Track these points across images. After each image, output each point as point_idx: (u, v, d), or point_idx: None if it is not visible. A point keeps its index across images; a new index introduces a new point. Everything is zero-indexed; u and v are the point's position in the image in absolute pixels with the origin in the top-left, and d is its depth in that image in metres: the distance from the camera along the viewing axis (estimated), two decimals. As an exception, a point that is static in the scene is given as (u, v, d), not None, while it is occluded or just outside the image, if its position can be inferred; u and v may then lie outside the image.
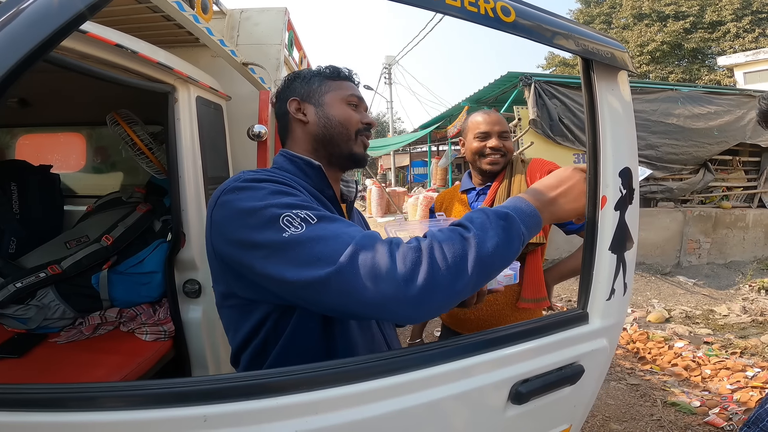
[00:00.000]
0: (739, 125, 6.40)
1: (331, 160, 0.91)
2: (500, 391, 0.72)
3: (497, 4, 0.67)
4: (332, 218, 0.65)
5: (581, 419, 0.94)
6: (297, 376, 0.58)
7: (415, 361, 0.65)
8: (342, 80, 0.95)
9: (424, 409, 0.64)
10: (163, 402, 0.53)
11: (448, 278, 0.59)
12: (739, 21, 20.89)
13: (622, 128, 0.79)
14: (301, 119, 0.91)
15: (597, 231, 0.78)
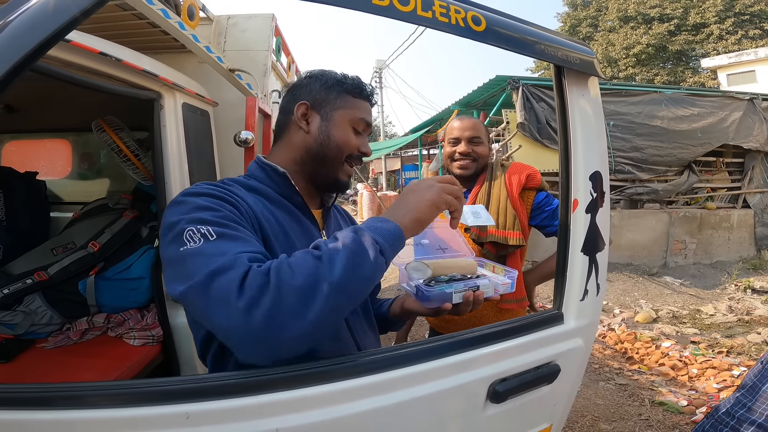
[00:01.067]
0: (722, 127, 6.51)
1: (313, 176, 0.90)
2: (478, 390, 0.74)
3: (468, 13, 0.68)
4: (234, 237, 0.63)
5: (561, 418, 0.96)
6: (279, 375, 0.59)
7: (393, 361, 0.67)
8: (361, 99, 0.92)
9: (401, 408, 0.65)
10: (146, 400, 0.54)
11: (296, 305, 0.55)
12: (722, 23, 21.21)
13: (592, 133, 0.81)
14: (303, 127, 0.89)
15: (569, 233, 0.81)
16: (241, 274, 0.56)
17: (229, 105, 2.21)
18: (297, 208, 0.87)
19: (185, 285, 0.58)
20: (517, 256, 1.46)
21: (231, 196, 0.73)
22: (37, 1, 0.48)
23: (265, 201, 0.82)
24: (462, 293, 0.83)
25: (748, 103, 6.79)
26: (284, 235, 0.79)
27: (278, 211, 0.83)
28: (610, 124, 6.09)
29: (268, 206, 0.81)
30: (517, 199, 1.45)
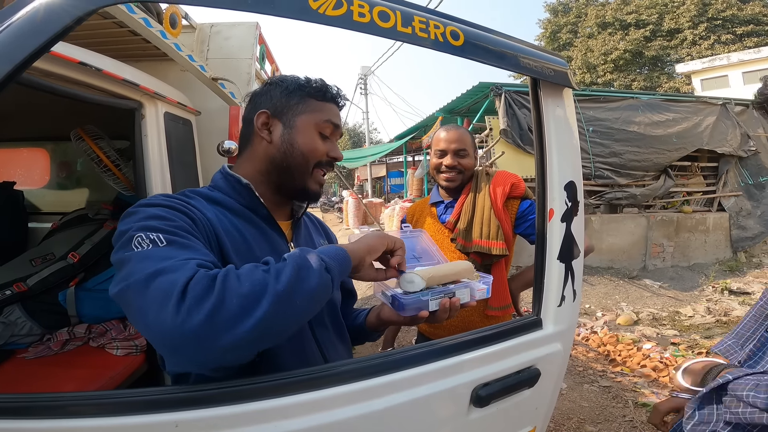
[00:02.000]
0: (696, 132, 6.69)
1: (280, 187, 0.87)
2: (461, 395, 0.75)
3: (447, 28, 0.70)
4: (184, 245, 0.62)
5: (545, 421, 0.98)
6: (274, 383, 0.60)
7: (380, 368, 0.68)
8: (325, 102, 0.88)
9: (388, 413, 0.67)
10: (137, 409, 0.53)
11: (238, 311, 0.54)
12: (695, 28, 21.84)
13: (566, 143, 0.84)
14: (265, 137, 0.85)
15: (546, 242, 0.83)
16: (187, 277, 0.54)
17: (213, 114, 2.20)
18: (263, 221, 0.84)
19: (123, 284, 0.56)
20: (502, 264, 1.48)
21: (187, 207, 0.71)
22: (25, 12, 0.48)
23: (228, 213, 0.80)
24: (438, 300, 0.82)
25: (721, 108, 7.00)
26: (247, 248, 0.77)
27: (242, 223, 0.80)
28: (590, 130, 6.21)
29: (230, 218, 0.79)
30: (501, 209, 1.47)
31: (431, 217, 1.61)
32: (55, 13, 0.46)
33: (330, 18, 0.56)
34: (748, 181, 7.18)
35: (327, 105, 0.88)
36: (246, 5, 0.52)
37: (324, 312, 0.89)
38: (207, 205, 0.78)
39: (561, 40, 26.98)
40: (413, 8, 0.68)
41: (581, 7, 26.73)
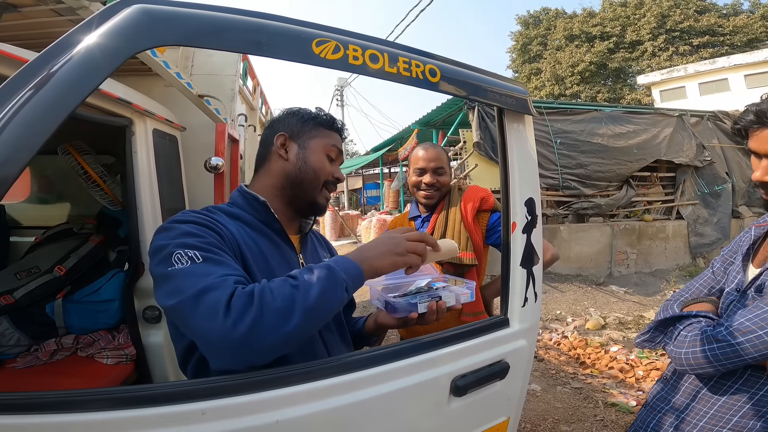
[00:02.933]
0: (655, 143, 7.01)
1: (293, 201, 0.98)
2: (442, 384, 0.85)
3: (426, 66, 0.81)
4: (218, 261, 0.71)
5: (517, 413, 1.09)
6: (264, 378, 0.68)
7: (373, 360, 0.77)
8: (332, 130, 1.03)
9: (380, 401, 0.76)
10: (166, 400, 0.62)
11: (274, 323, 0.63)
12: (655, 40, 22.72)
13: (526, 165, 0.96)
14: (282, 155, 0.97)
15: (510, 251, 0.95)
16: (229, 293, 0.64)
17: (196, 129, 2.24)
18: (276, 235, 0.95)
19: (177, 299, 0.65)
20: (474, 273, 1.59)
21: (214, 223, 0.81)
22: (81, 49, 0.54)
23: (247, 228, 0.90)
24: (426, 303, 0.94)
25: (677, 120, 7.35)
26: (263, 260, 0.87)
27: (259, 237, 0.90)
28: (557, 142, 6.46)
29: (249, 233, 0.89)
30: (470, 222, 1.59)
31: None
32: (112, 52, 0.54)
33: (330, 61, 0.66)
34: (704, 190, 7.54)
35: (334, 134, 1.03)
36: (260, 50, 0.61)
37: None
38: (228, 220, 0.88)
39: (531, 52, 27.78)
40: (398, 48, 0.79)
41: (551, 19, 27.55)
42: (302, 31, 0.65)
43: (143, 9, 0.56)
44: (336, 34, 0.69)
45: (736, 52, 18.52)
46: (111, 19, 0.55)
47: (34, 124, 0.51)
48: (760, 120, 0.89)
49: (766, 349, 0.81)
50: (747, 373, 0.90)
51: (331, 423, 0.72)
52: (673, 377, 1.07)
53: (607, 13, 24.83)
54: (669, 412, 1.02)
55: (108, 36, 0.54)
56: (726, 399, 0.92)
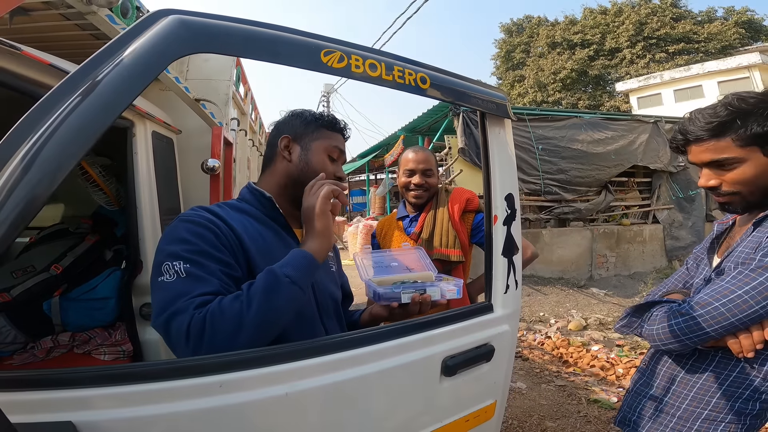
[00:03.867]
0: (631, 149, 7.21)
1: (296, 199, 1.01)
2: (434, 363, 0.93)
3: (417, 74, 0.90)
4: (197, 277, 0.79)
5: (503, 397, 1.16)
6: (275, 352, 0.75)
7: (370, 338, 0.85)
8: (334, 131, 1.08)
9: (379, 376, 0.84)
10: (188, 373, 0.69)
11: (226, 342, 0.73)
12: (633, 47, 23.10)
13: (506, 163, 1.06)
14: (286, 157, 1.03)
15: (492, 242, 1.04)
16: (188, 321, 0.74)
17: (190, 132, 2.29)
18: (281, 228, 1.02)
19: (155, 320, 0.78)
20: (460, 270, 1.68)
21: (213, 223, 0.87)
22: (126, 57, 0.60)
23: (253, 221, 0.97)
24: (410, 294, 1.03)
25: (653, 126, 7.56)
26: (268, 250, 0.93)
27: (265, 230, 0.98)
28: (540, 148, 6.60)
29: (255, 226, 0.96)
30: (457, 221, 1.69)
31: (398, 230, 1.81)
32: (156, 58, 0.60)
33: (336, 69, 0.75)
34: (679, 195, 7.77)
35: (336, 134, 1.09)
36: (278, 59, 0.69)
37: (330, 306, 1.07)
38: (234, 214, 0.95)
39: (515, 59, 28.18)
40: (393, 58, 0.88)
41: (533, 27, 27.99)
42: (313, 42, 0.74)
43: (181, 19, 0.63)
44: (340, 45, 0.78)
45: (710, 59, 19.04)
46: (150, 28, 0.61)
47: (80, 132, 0.56)
48: (686, 137, 1.03)
49: (724, 320, 0.89)
50: (718, 356, 0.99)
51: (335, 395, 0.79)
52: (650, 364, 1.16)
53: (588, 21, 25.31)
54: (652, 397, 1.10)
55: (151, 44, 0.60)
56: (703, 382, 1.00)
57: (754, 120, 0.93)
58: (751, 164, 0.95)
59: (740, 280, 0.90)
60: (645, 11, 23.66)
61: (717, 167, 1.00)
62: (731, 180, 0.98)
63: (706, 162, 1.00)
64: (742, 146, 0.95)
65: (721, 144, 0.97)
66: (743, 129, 0.94)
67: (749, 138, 0.94)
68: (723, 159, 0.97)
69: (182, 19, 0.62)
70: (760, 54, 15.62)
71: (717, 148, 0.97)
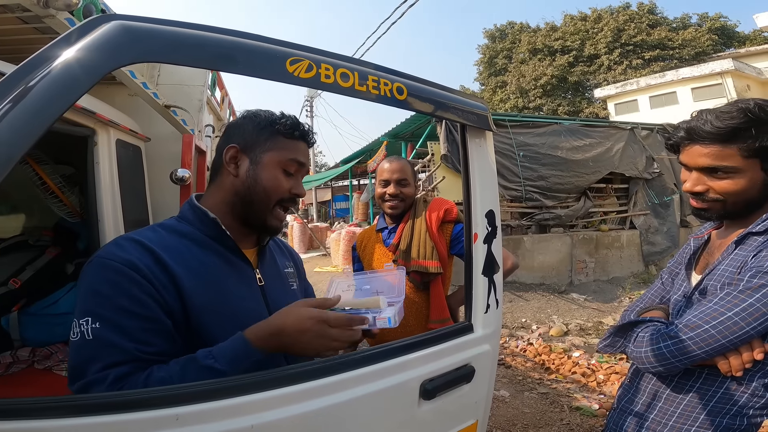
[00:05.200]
0: (608, 156, 7.35)
1: (243, 219, 0.91)
2: (412, 387, 0.88)
3: (394, 84, 0.85)
4: (108, 342, 0.69)
5: (485, 416, 1.12)
6: (238, 383, 0.69)
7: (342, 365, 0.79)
8: (293, 140, 0.92)
9: (352, 404, 0.78)
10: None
11: None
12: (611, 53, 23.66)
13: (486, 178, 1.02)
14: (231, 171, 0.89)
15: (473, 260, 1.00)
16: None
17: (161, 139, 2.21)
18: (229, 252, 0.89)
19: (70, 385, 0.71)
20: (439, 281, 1.65)
21: (134, 267, 0.74)
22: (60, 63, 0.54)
23: (195, 246, 0.85)
24: None
25: (629, 133, 7.74)
26: (214, 279, 0.83)
27: (209, 255, 0.86)
28: (520, 155, 6.68)
29: (196, 252, 0.84)
30: (435, 232, 1.65)
31: (378, 242, 1.77)
32: (92, 67, 0.55)
33: (303, 80, 0.69)
34: (654, 201, 7.95)
35: (295, 143, 0.93)
36: (236, 68, 0.64)
37: None
38: (171, 240, 0.83)
39: (497, 65, 28.57)
40: (367, 67, 0.83)
41: (516, 33, 28.42)
42: (277, 49, 0.68)
43: (123, 25, 0.56)
44: (309, 53, 0.72)
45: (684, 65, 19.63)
46: (90, 34, 0.55)
47: (10, 140, 0.51)
48: (690, 136, 0.98)
49: (715, 342, 0.88)
50: (705, 373, 0.97)
51: (304, 427, 0.73)
52: (635, 380, 1.14)
53: (569, 27, 25.81)
54: (637, 414, 1.08)
55: (88, 51, 0.54)
56: (689, 398, 0.99)
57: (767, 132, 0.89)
58: (746, 177, 0.93)
59: (729, 301, 0.89)
60: (623, 18, 24.28)
61: (709, 173, 0.96)
62: (720, 189, 0.95)
63: (702, 167, 0.96)
64: (745, 157, 0.91)
65: (726, 151, 0.92)
66: (754, 139, 0.89)
67: (756, 150, 0.90)
68: (721, 167, 0.93)
69: (124, 25, 0.56)
70: (733, 60, 16.23)
71: (720, 155, 0.93)
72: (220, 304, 0.83)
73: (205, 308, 0.80)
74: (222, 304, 0.83)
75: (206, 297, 0.80)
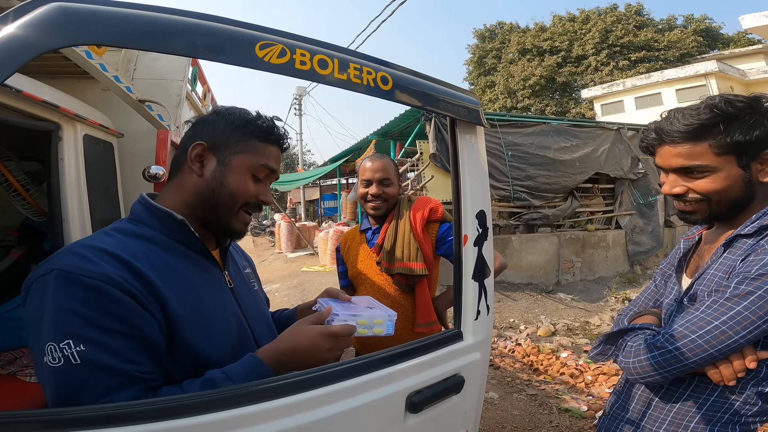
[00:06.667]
0: (595, 156, 7.39)
1: (204, 222, 0.84)
2: (397, 401, 0.82)
3: (378, 73, 0.78)
4: (98, 365, 0.61)
5: (475, 425, 1.07)
6: (209, 399, 0.62)
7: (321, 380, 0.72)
8: (267, 144, 0.86)
9: (332, 421, 0.71)
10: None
11: None
12: (598, 54, 24.14)
13: (477, 176, 0.96)
14: (195, 170, 0.82)
15: (462, 264, 0.94)
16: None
17: (137, 136, 2.12)
18: (198, 254, 0.83)
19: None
20: (424, 283, 1.59)
21: (109, 280, 0.65)
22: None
23: (159, 250, 0.77)
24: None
25: (615, 133, 7.78)
26: (186, 284, 0.77)
27: (175, 259, 0.78)
28: (509, 155, 6.67)
29: (162, 256, 0.76)
30: (420, 233, 1.59)
31: (362, 243, 1.71)
32: (19, 48, 0.49)
33: (275, 66, 0.62)
34: (640, 201, 8.03)
35: (269, 148, 0.86)
36: (197, 52, 0.56)
37: (265, 331, 0.93)
38: (134, 245, 0.74)
39: (487, 65, 28.78)
40: (349, 54, 0.76)
41: (505, 33, 28.69)
42: (244, 33, 0.61)
43: (61, 6, 0.51)
44: (282, 37, 0.65)
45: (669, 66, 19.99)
46: (27, 14, 0.50)
47: None
48: (660, 137, 0.96)
49: (703, 352, 0.85)
50: (695, 381, 0.94)
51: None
52: (626, 387, 1.11)
53: (557, 28, 26.14)
54: (629, 421, 1.06)
55: (19, 31, 0.49)
56: (680, 406, 0.96)
57: (737, 126, 0.87)
58: (723, 174, 0.90)
59: (716, 309, 0.86)
60: (611, 19, 24.63)
61: (685, 174, 0.94)
62: (699, 189, 0.93)
63: (676, 168, 0.95)
64: (718, 154, 0.89)
65: (697, 149, 0.90)
66: (724, 135, 0.88)
67: (728, 146, 0.88)
68: (695, 166, 0.91)
69: (62, 7, 0.51)
70: (717, 62, 16.56)
71: (691, 154, 0.91)
72: (200, 312, 0.77)
73: (187, 317, 0.74)
74: (201, 311, 0.77)
75: (185, 305, 0.74)
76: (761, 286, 0.82)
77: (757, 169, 0.90)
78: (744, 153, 0.89)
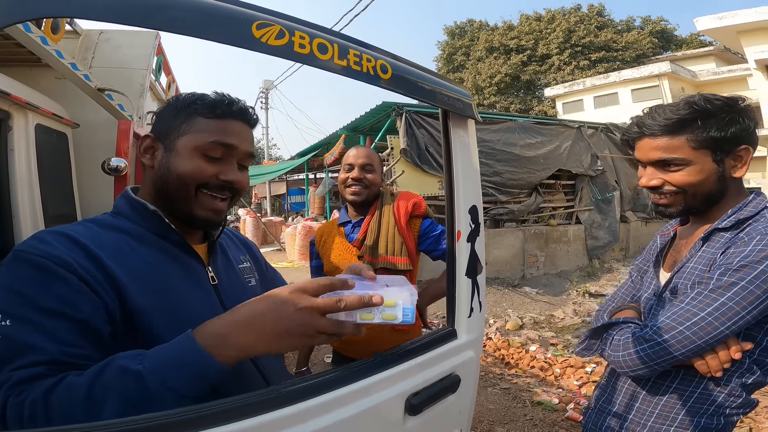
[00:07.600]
0: (557, 153, 7.65)
1: (172, 213, 0.80)
2: (397, 405, 0.79)
3: (377, 62, 0.75)
4: (21, 345, 0.59)
5: (468, 423, 1.07)
6: (196, 415, 0.56)
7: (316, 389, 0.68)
8: (216, 119, 0.79)
9: (335, 428, 0.67)
10: None
11: None
12: (561, 54, 24.92)
13: (469, 171, 0.94)
14: (146, 162, 0.80)
15: (455, 260, 0.92)
16: (1, 405, 0.56)
17: (95, 126, 1.98)
18: (174, 246, 0.79)
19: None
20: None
21: (61, 262, 0.63)
22: None
23: (135, 243, 0.74)
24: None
25: (576, 131, 8.08)
26: (160, 278, 0.73)
27: (150, 251, 0.75)
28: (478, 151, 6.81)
29: (138, 249, 0.74)
30: (404, 227, 1.57)
31: (339, 237, 1.66)
32: None
33: (273, 47, 0.57)
34: (598, 197, 8.37)
35: (218, 123, 0.79)
36: (186, 29, 0.50)
37: None
38: (108, 236, 0.72)
39: (456, 62, 29.10)
40: (349, 41, 0.72)
41: (475, 31, 29.14)
42: (240, 11, 0.56)
43: None
44: (281, 18, 0.60)
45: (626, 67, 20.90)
46: None
47: None
48: (641, 130, 1.00)
49: (691, 344, 0.87)
50: (681, 373, 0.97)
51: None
52: (611, 381, 1.12)
53: (524, 27, 26.76)
54: (616, 414, 1.07)
55: None
56: (667, 399, 0.98)
57: (714, 123, 0.91)
58: (697, 168, 0.94)
59: (701, 301, 0.89)
60: (574, 19, 25.45)
61: (662, 167, 0.98)
62: (674, 181, 0.97)
63: (654, 160, 0.98)
64: (694, 148, 0.93)
65: (675, 143, 0.94)
66: (701, 130, 0.92)
67: (704, 141, 0.92)
68: (671, 159, 0.95)
69: None
70: (670, 63, 17.43)
71: (669, 147, 0.95)
72: (171, 308, 0.72)
73: (154, 313, 0.69)
74: (172, 307, 0.73)
75: (153, 300, 0.70)
76: (744, 276, 0.85)
77: (730, 164, 0.95)
78: (719, 149, 0.93)
